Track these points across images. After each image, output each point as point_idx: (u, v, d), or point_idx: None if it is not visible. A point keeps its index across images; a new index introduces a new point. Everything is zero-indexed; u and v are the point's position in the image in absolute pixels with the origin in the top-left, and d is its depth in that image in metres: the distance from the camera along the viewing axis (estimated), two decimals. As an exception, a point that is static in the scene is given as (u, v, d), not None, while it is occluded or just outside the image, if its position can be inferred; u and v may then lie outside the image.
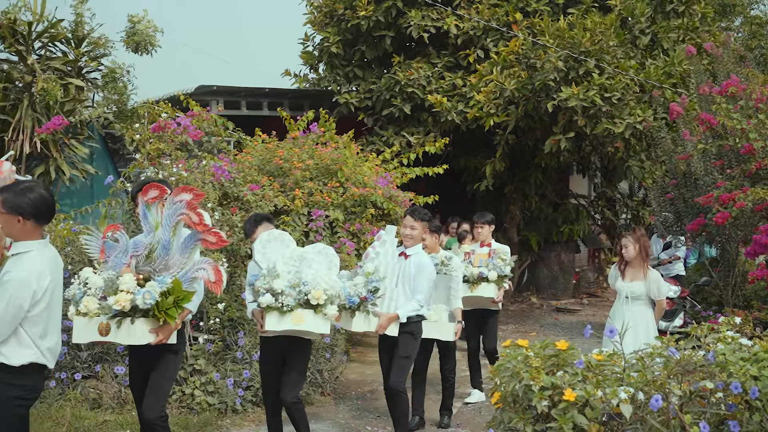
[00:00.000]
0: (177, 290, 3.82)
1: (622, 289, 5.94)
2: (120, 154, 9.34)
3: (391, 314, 5.10)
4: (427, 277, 5.26)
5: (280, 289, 4.34)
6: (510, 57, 9.98)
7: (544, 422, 2.96)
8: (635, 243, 5.89)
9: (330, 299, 4.41)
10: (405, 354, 5.24)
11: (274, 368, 4.80)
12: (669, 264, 9.19)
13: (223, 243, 3.98)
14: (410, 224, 5.29)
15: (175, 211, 3.99)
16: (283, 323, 4.38)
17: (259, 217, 5.00)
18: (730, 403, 2.95)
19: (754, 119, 7.27)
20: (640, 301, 5.88)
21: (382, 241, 5.29)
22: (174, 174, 6.30)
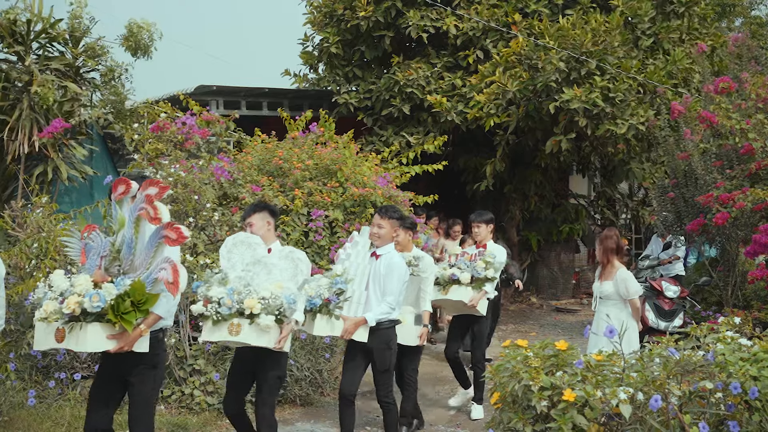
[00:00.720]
0: (138, 293, 3.56)
1: (595, 289, 5.99)
2: (119, 154, 9.34)
3: (359, 318, 4.85)
4: (398, 277, 4.97)
5: (215, 297, 4.06)
6: (511, 58, 9.97)
7: (543, 422, 2.96)
8: (600, 245, 5.93)
9: (267, 309, 4.06)
10: (383, 368, 5.03)
11: (240, 378, 4.54)
12: (669, 264, 9.18)
13: (183, 239, 3.71)
14: (377, 222, 5.07)
15: (136, 206, 3.81)
16: (217, 333, 4.09)
17: (261, 206, 4.69)
18: (729, 403, 2.95)
19: (754, 119, 7.28)
20: (612, 301, 5.83)
21: (353, 242, 5.12)
22: (173, 174, 6.30)
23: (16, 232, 6.29)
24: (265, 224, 4.53)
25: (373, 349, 4.92)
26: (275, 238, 4.60)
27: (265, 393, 4.42)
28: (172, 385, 6.05)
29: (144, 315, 3.60)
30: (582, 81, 9.59)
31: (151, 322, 3.68)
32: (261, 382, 4.43)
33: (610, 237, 5.95)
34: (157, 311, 3.68)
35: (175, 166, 6.41)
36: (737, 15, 16.92)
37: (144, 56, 8.68)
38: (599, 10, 10.35)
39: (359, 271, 4.97)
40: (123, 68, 8.67)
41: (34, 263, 5.73)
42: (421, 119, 10.98)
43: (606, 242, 5.91)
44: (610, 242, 5.90)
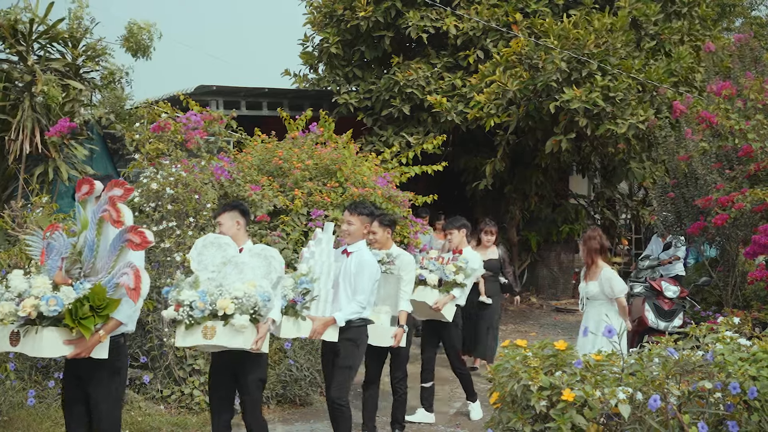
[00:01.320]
0: (98, 297, 3.40)
1: (582, 290, 5.98)
2: (120, 154, 9.34)
3: (327, 318, 4.70)
4: (368, 275, 4.80)
5: (187, 301, 3.91)
6: (512, 57, 9.98)
7: (542, 422, 2.96)
8: (583, 245, 5.94)
9: (241, 308, 3.91)
10: (345, 364, 4.82)
11: (222, 383, 4.38)
12: (669, 264, 9.19)
13: (147, 243, 3.53)
14: (347, 219, 4.93)
15: (99, 207, 3.64)
16: (191, 338, 3.95)
17: (231, 205, 4.48)
18: (728, 403, 2.95)
19: (753, 120, 7.28)
20: (598, 302, 5.82)
21: (317, 240, 4.92)
22: (173, 174, 6.31)
23: (15, 232, 6.29)
24: (235, 224, 4.36)
25: (339, 342, 4.76)
26: (247, 238, 4.44)
27: (249, 398, 4.29)
28: (171, 385, 6.05)
29: (103, 320, 3.47)
30: (582, 81, 9.60)
31: (111, 328, 3.54)
32: (243, 387, 4.29)
33: (594, 237, 5.94)
34: (118, 317, 3.54)
35: (176, 166, 6.42)
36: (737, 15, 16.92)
37: (144, 57, 8.69)
38: (603, 11, 10.36)
39: (324, 269, 4.80)
40: (123, 71, 8.68)
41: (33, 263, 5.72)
42: (421, 119, 10.98)
43: (590, 243, 5.90)
44: (593, 243, 5.89)
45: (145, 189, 6.30)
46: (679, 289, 7.60)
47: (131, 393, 5.90)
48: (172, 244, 6.06)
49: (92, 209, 3.67)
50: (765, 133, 7.21)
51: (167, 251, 6.08)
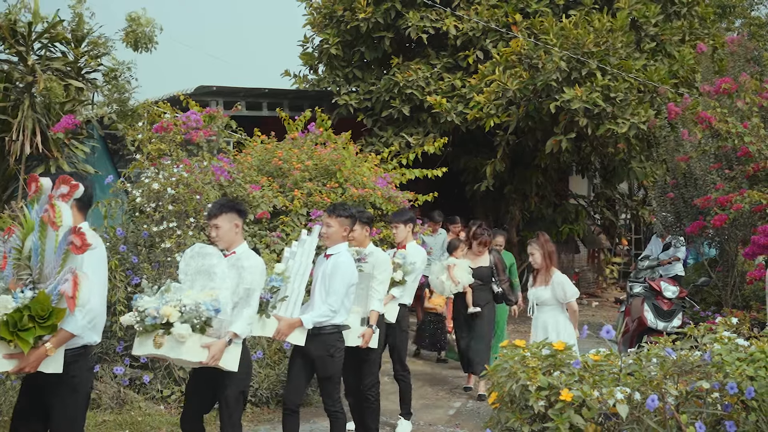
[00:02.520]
0: (41, 306, 3.13)
1: (531, 295, 5.82)
2: (120, 154, 9.35)
3: (293, 319, 4.54)
4: (341, 278, 4.62)
5: (140, 307, 3.75)
6: (512, 57, 9.99)
7: (541, 422, 2.97)
8: (540, 249, 5.75)
9: (185, 317, 3.70)
10: (325, 375, 4.70)
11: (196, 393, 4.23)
12: (668, 264, 9.20)
13: (87, 246, 3.24)
14: (326, 222, 4.80)
15: (41, 207, 3.37)
16: (143, 347, 3.77)
17: (228, 205, 4.27)
18: (726, 403, 2.96)
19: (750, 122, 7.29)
20: (548, 306, 5.72)
21: (301, 241, 4.83)
22: (174, 174, 6.32)
23: (16, 233, 6.29)
24: (233, 226, 4.19)
25: (313, 356, 4.63)
26: (242, 240, 4.29)
27: (227, 413, 4.07)
28: (171, 385, 6.06)
29: (48, 332, 3.18)
30: (583, 80, 9.60)
31: (60, 340, 3.24)
32: (220, 401, 4.10)
33: (549, 241, 5.84)
34: (68, 328, 3.24)
35: (178, 166, 6.43)
36: (737, 16, 16.93)
37: (146, 49, 8.63)
38: (603, 11, 10.37)
39: (301, 270, 4.66)
40: (125, 66, 8.65)
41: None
42: (420, 120, 10.99)
43: (547, 246, 5.77)
44: (550, 246, 5.79)
45: (146, 189, 6.31)
46: (678, 289, 7.60)
47: (132, 394, 5.92)
48: (173, 245, 6.08)
49: (36, 210, 3.41)
50: (762, 135, 7.22)
51: (168, 251, 6.09)
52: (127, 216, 6.61)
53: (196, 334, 3.75)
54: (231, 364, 3.91)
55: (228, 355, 3.89)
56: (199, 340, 3.77)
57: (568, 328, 5.65)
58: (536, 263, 5.77)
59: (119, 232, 6.26)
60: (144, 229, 6.23)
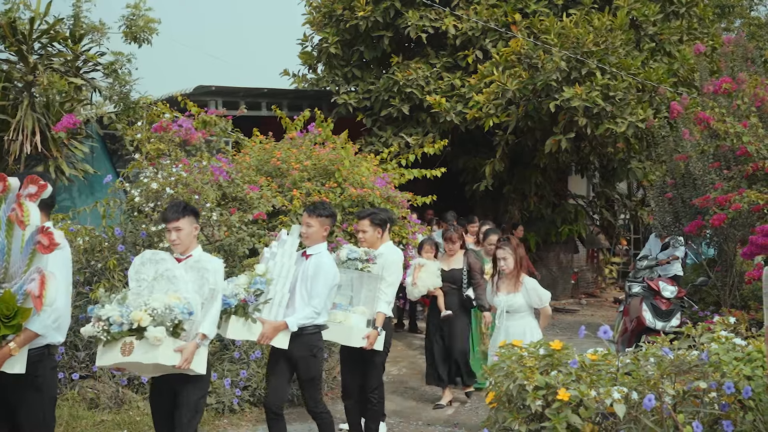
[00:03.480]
0: (6, 306, 3.13)
1: (501, 303, 5.38)
2: (119, 154, 9.35)
3: (278, 322, 4.43)
4: (325, 279, 4.56)
5: (104, 316, 3.66)
6: (511, 57, 10.00)
7: (538, 422, 2.97)
8: (513, 254, 5.33)
9: (156, 320, 3.64)
10: (308, 376, 4.63)
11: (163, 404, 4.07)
12: (667, 264, 9.20)
13: (55, 245, 3.24)
14: (306, 221, 4.71)
15: (8, 206, 3.36)
16: (108, 355, 3.69)
17: (188, 209, 4.17)
18: (723, 402, 2.97)
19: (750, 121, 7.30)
20: (521, 314, 5.34)
21: (281, 241, 4.72)
22: (174, 174, 6.32)
23: (15, 232, 6.30)
24: (193, 230, 4.12)
25: (295, 356, 4.53)
26: (197, 243, 4.21)
27: (186, 417, 3.95)
28: None
29: (12, 331, 3.19)
30: (582, 80, 9.61)
31: (24, 340, 3.26)
32: (181, 404, 3.94)
33: (521, 245, 5.52)
34: (32, 327, 3.26)
35: (177, 166, 6.44)
36: (736, 16, 16.94)
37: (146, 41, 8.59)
38: (602, 11, 10.38)
39: (283, 271, 4.58)
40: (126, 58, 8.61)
41: (32, 263, 5.73)
42: (420, 119, 11.00)
43: (519, 251, 5.41)
44: (521, 251, 5.44)
45: (145, 189, 6.31)
46: (676, 289, 7.61)
47: (130, 393, 5.92)
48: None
49: (2, 209, 3.39)
50: (761, 135, 7.23)
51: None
52: (126, 216, 6.61)
53: (169, 338, 3.68)
54: (200, 367, 3.85)
55: (197, 357, 3.82)
56: (172, 344, 3.71)
57: (537, 334, 5.27)
58: (508, 268, 5.33)
59: (118, 231, 6.27)
60: (142, 229, 6.23)
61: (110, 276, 5.95)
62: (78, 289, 5.99)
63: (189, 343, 3.78)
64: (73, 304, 5.79)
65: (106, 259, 6.08)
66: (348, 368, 5.21)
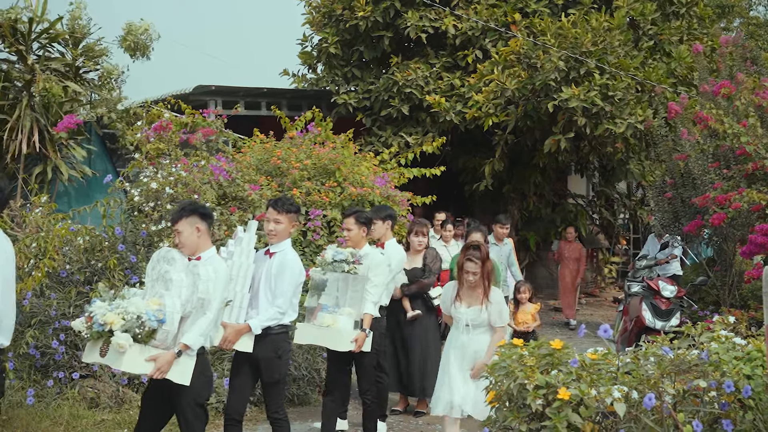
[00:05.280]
0: None
1: (462, 316, 4.82)
2: (118, 154, 9.36)
3: (241, 325, 4.25)
4: (290, 278, 4.35)
5: (93, 313, 3.59)
6: (511, 57, 10.00)
7: (538, 421, 2.98)
8: (481, 267, 4.76)
9: (127, 325, 3.52)
10: (271, 380, 4.40)
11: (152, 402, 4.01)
12: (666, 264, 9.21)
13: None
14: (273, 217, 4.44)
15: None
16: (91, 354, 3.64)
17: (189, 209, 4.03)
18: (723, 401, 2.97)
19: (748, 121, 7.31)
20: (482, 329, 4.81)
21: (237, 239, 4.49)
22: (173, 173, 6.33)
23: (15, 232, 6.30)
24: (195, 231, 3.94)
25: (259, 358, 4.33)
26: (209, 245, 4.03)
27: (184, 427, 3.86)
28: (170, 385, 6.05)
29: None
30: (581, 80, 9.61)
31: None
32: (177, 415, 3.87)
33: (488, 252, 4.93)
34: None
35: (176, 166, 6.44)
36: (736, 16, 16.95)
37: (142, 56, 8.70)
38: (601, 11, 10.38)
39: (241, 271, 4.36)
40: (120, 71, 8.70)
41: (32, 263, 5.75)
42: (419, 119, 11.00)
43: (488, 264, 4.81)
44: (490, 264, 4.86)
45: (145, 188, 6.32)
46: (676, 288, 7.62)
47: (130, 392, 5.92)
48: (171, 244, 6.07)
49: None
50: (760, 135, 7.23)
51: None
52: (126, 215, 6.61)
53: (137, 345, 3.56)
54: (182, 378, 3.70)
55: (179, 367, 3.68)
56: (140, 352, 3.58)
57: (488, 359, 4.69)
58: (474, 279, 4.76)
59: (118, 231, 6.27)
60: (142, 229, 6.24)
61: (110, 275, 5.95)
62: (78, 289, 5.99)
63: (165, 352, 3.64)
64: (73, 304, 5.83)
65: (107, 259, 6.09)
66: (335, 367, 5.08)
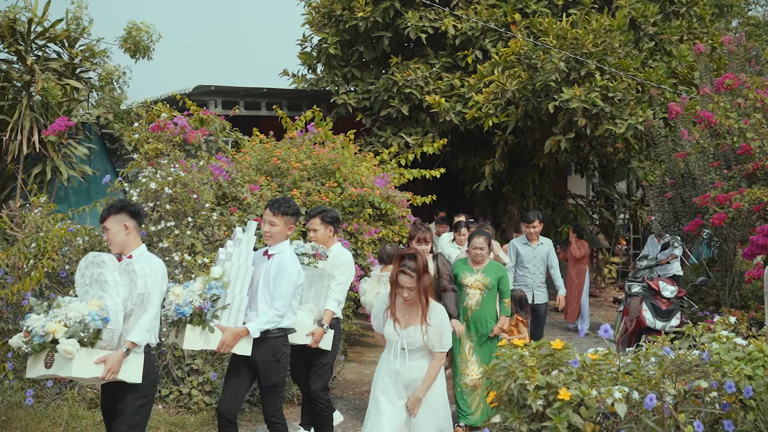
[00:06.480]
0: None
1: (396, 338, 4.09)
2: (118, 154, 9.36)
3: (239, 329, 4.18)
4: (288, 280, 4.29)
5: (30, 327, 3.51)
6: (511, 57, 10.00)
7: (539, 421, 2.97)
8: (418, 279, 4.02)
9: (70, 331, 3.45)
10: (269, 383, 4.35)
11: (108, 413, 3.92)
12: (666, 264, 9.21)
13: None
14: (269, 219, 4.40)
15: None
16: (36, 368, 3.55)
17: (117, 206, 3.92)
18: (724, 402, 2.96)
19: (753, 118, 7.30)
20: (421, 353, 4.10)
21: (236, 240, 4.41)
22: (172, 174, 6.32)
23: (14, 232, 6.30)
24: (122, 228, 3.84)
25: (257, 362, 4.28)
26: (140, 242, 3.95)
27: (125, 426, 3.76)
28: (170, 385, 6.05)
29: None
30: (581, 80, 9.61)
31: None
32: (120, 413, 3.78)
33: (426, 263, 4.14)
34: None
35: (175, 166, 6.43)
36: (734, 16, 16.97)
37: (143, 57, 8.71)
38: (602, 11, 10.38)
39: (240, 273, 4.29)
40: (120, 72, 8.71)
41: (32, 263, 5.74)
42: (419, 120, 11.00)
43: (426, 278, 4.05)
44: (428, 278, 4.10)
45: (144, 189, 6.31)
46: (676, 288, 7.61)
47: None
48: (171, 244, 6.07)
49: None
50: (764, 132, 7.23)
51: (165, 251, 6.09)
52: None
53: (84, 349, 3.50)
54: (133, 376, 3.66)
55: (128, 366, 3.64)
56: (87, 355, 3.52)
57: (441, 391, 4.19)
58: (410, 295, 4.03)
59: (117, 231, 6.24)
60: (142, 229, 6.22)
61: (110, 276, 5.93)
62: (77, 289, 5.97)
63: (113, 352, 3.60)
64: (72, 304, 5.81)
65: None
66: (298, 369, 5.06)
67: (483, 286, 5.82)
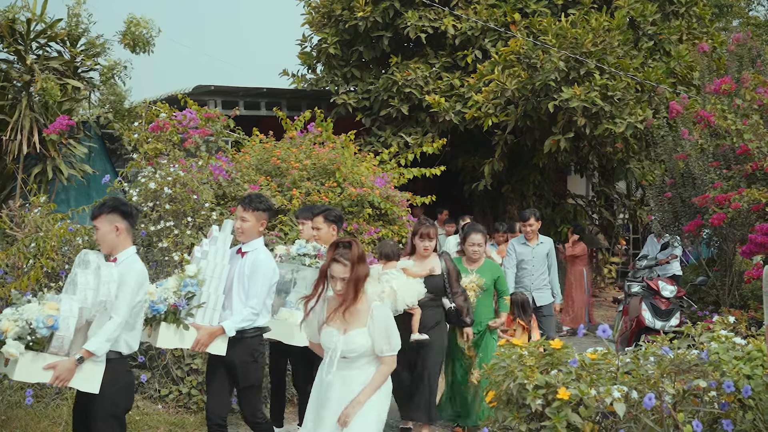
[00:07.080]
0: None
1: (335, 345, 3.57)
2: (118, 153, 9.36)
3: (214, 327, 4.13)
4: (263, 278, 4.24)
5: None
6: (510, 57, 10.01)
7: (538, 421, 2.97)
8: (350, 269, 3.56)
9: (20, 333, 3.37)
10: (248, 383, 4.31)
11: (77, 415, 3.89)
12: (666, 264, 9.21)
13: None
14: (241, 215, 4.37)
15: None
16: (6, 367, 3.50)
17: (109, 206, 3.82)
18: (723, 401, 2.97)
19: (750, 119, 7.31)
20: (363, 361, 3.58)
21: (212, 239, 4.37)
22: (171, 174, 6.32)
23: (14, 232, 6.30)
24: (113, 229, 3.75)
25: (234, 362, 4.23)
26: (129, 244, 3.85)
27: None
28: (169, 385, 6.05)
29: None
30: (581, 80, 9.61)
31: None
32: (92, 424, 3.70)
33: (364, 259, 3.62)
34: None
35: (174, 166, 6.43)
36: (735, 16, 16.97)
37: (144, 51, 8.67)
38: (601, 11, 10.38)
39: (216, 271, 4.24)
40: (122, 66, 8.68)
41: (31, 262, 5.74)
42: (419, 119, 11.00)
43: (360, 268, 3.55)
44: (364, 268, 3.57)
45: (143, 188, 6.31)
46: (676, 288, 7.62)
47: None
48: (170, 244, 6.07)
49: None
50: (762, 133, 7.24)
51: (165, 251, 6.09)
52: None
53: (30, 353, 3.40)
54: (89, 385, 3.53)
55: (83, 374, 3.50)
56: (33, 360, 3.42)
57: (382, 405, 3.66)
58: (342, 288, 3.56)
59: (117, 231, 6.24)
60: (141, 229, 6.23)
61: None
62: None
63: (64, 359, 3.47)
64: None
65: (106, 259, 6.07)
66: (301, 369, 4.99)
67: (478, 287, 5.60)
